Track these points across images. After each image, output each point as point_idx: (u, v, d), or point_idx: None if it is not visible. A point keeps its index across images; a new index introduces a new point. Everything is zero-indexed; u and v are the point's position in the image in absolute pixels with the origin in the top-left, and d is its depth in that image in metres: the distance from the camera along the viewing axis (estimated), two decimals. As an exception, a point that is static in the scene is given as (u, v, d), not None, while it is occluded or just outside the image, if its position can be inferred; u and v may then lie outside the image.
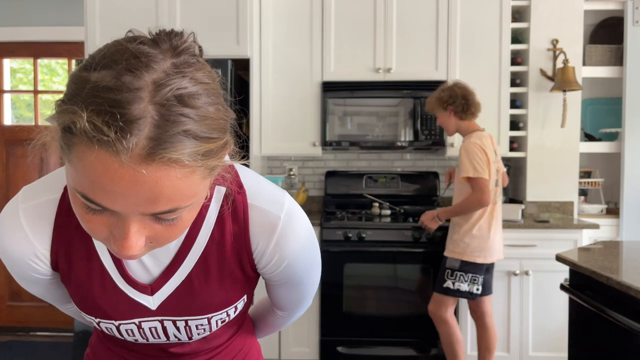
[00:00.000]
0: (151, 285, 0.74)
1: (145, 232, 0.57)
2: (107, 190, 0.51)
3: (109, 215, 0.56)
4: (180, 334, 0.80)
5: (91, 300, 0.74)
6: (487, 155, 2.50)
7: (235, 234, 0.74)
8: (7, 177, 3.73)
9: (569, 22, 3.27)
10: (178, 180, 0.52)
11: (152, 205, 0.53)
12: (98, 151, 0.49)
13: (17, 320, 3.76)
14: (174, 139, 0.50)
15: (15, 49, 3.70)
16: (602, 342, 1.77)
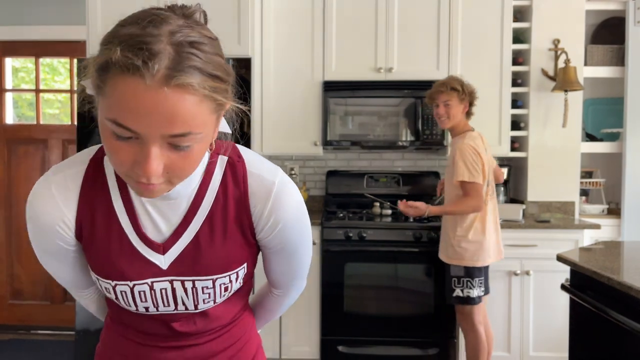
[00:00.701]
0: (163, 244, 0.83)
1: (163, 159, 0.67)
2: (134, 111, 0.63)
3: (133, 144, 0.66)
4: (188, 299, 0.86)
5: (110, 262, 0.82)
6: (482, 158, 2.49)
7: (237, 198, 0.84)
8: (9, 176, 3.74)
9: (570, 22, 3.27)
10: (191, 105, 0.65)
11: (170, 125, 0.64)
12: (128, 78, 0.62)
13: (19, 319, 3.77)
14: (187, 69, 0.64)
15: (17, 47, 3.70)
16: (602, 342, 1.77)
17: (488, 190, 2.56)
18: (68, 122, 3.77)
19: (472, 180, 2.42)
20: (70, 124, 3.74)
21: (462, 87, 2.54)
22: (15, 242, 3.75)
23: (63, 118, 3.80)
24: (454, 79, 2.58)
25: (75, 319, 2.76)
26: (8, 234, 3.75)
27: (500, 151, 3.24)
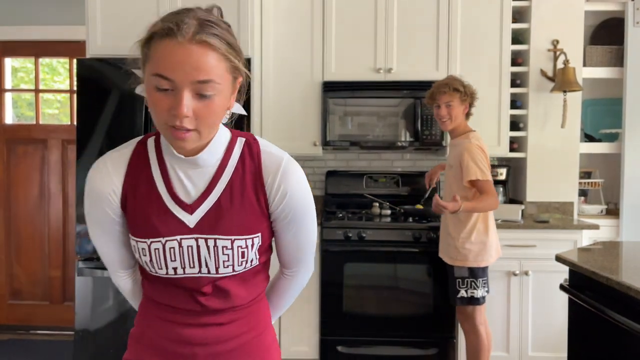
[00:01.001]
0: (191, 205, 1.00)
1: (192, 105, 0.88)
2: (170, 63, 0.86)
3: (169, 95, 0.88)
4: (210, 259, 1.00)
5: (147, 222, 1.00)
6: (487, 157, 2.50)
7: (252, 171, 1.02)
8: (8, 176, 3.74)
9: (569, 23, 3.28)
10: (212, 59, 0.88)
11: (197, 73, 0.86)
12: (165, 40, 0.87)
13: (18, 319, 3.77)
14: (208, 34, 0.88)
15: (17, 47, 3.70)
16: (601, 342, 1.77)
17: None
18: (67, 122, 3.77)
19: (485, 178, 2.42)
20: (69, 124, 3.74)
21: (464, 88, 2.53)
22: (14, 242, 3.75)
23: (62, 118, 3.80)
24: (456, 80, 2.56)
25: (74, 319, 2.75)
26: (7, 233, 3.74)
27: (499, 152, 3.25)
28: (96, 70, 2.72)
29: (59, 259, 3.74)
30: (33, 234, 3.74)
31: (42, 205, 3.74)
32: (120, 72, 2.72)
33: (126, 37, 2.98)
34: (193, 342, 1.05)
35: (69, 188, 3.72)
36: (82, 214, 2.75)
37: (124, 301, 2.72)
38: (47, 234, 3.74)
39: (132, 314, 2.72)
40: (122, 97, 2.72)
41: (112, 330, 2.74)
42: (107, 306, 2.74)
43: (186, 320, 1.05)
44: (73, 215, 3.69)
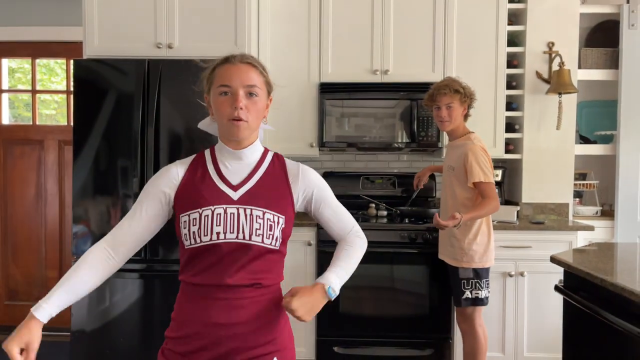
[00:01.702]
0: (235, 185, 1.34)
1: (244, 101, 1.28)
2: (229, 75, 1.29)
3: (229, 98, 1.29)
4: (246, 225, 1.29)
5: (201, 196, 1.31)
6: (489, 158, 2.50)
7: (280, 170, 1.41)
8: (5, 177, 3.73)
9: (564, 25, 3.30)
10: (255, 74, 1.32)
11: (247, 79, 1.29)
12: (225, 65, 1.32)
13: (14, 320, 3.76)
14: (250, 59, 1.34)
15: (14, 48, 3.70)
16: (596, 343, 1.79)
17: None
18: (64, 123, 3.76)
19: (488, 181, 2.42)
20: (66, 125, 3.74)
21: (463, 90, 2.53)
22: (11, 243, 3.74)
23: (59, 119, 3.80)
24: (455, 81, 2.56)
25: (70, 319, 2.75)
26: (4, 234, 3.74)
27: (495, 153, 3.26)
28: (93, 71, 2.72)
29: (56, 260, 3.74)
30: (29, 235, 3.74)
31: (38, 206, 3.73)
32: (117, 73, 2.73)
33: (123, 38, 3.00)
34: (221, 321, 1.27)
35: (65, 189, 3.72)
36: (79, 215, 2.74)
37: (119, 302, 2.72)
38: (44, 234, 3.73)
39: (128, 316, 2.72)
40: (119, 98, 2.72)
41: (108, 331, 2.74)
42: (103, 307, 2.74)
43: (217, 295, 1.28)
44: (70, 216, 3.69)
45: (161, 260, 2.72)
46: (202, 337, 1.29)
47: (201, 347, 1.29)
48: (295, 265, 2.96)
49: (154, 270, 2.72)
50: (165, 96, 2.72)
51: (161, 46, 2.86)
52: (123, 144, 2.72)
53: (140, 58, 2.75)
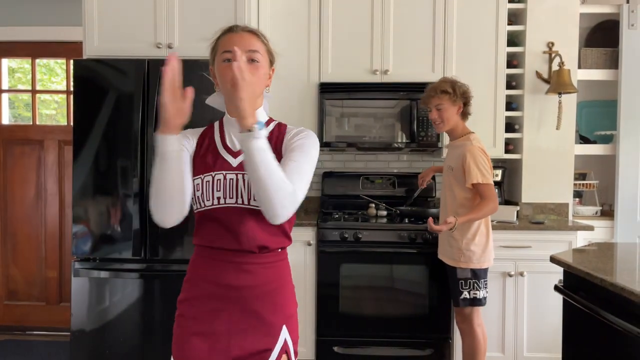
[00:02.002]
0: (235, 152, 1.40)
1: (246, 66, 1.21)
2: (231, 42, 1.34)
3: (231, 65, 1.21)
4: (245, 190, 1.33)
5: (205, 161, 1.38)
6: (489, 159, 2.50)
7: (280, 137, 1.43)
8: (4, 177, 3.73)
9: (564, 25, 3.30)
10: (257, 41, 1.38)
11: (248, 45, 1.35)
12: (227, 34, 1.38)
13: (14, 320, 3.76)
14: (252, 28, 1.40)
15: (14, 48, 3.70)
16: (595, 343, 1.79)
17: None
18: (64, 123, 3.76)
19: (486, 182, 2.42)
20: (66, 125, 3.74)
21: (453, 89, 2.51)
22: (10, 243, 3.74)
23: (60, 119, 3.80)
24: (445, 82, 2.55)
25: (70, 319, 2.75)
26: (3, 234, 3.74)
27: (495, 153, 3.26)
28: (93, 70, 2.72)
29: (56, 260, 3.74)
30: (29, 235, 3.74)
31: (38, 206, 3.73)
32: (117, 73, 2.73)
33: (123, 38, 3.00)
34: (229, 282, 1.35)
35: (65, 189, 3.72)
36: (79, 215, 2.74)
37: (119, 302, 2.72)
38: (44, 234, 3.73)
39: (128, 316, 2.72)
40: (119, 98, 2.72)
41: (108, 330, 2.74)
42: (103, 307, 2.74)
43: (227, 258, 1.36)
44: (70, 216, 3.69)
45: (161, 260, 2.72)
46: (213, 296, 1.36)
47: (212, 308, 1.35)
48: (295, 265, 2.96)
49: (154, 270, 2.72)
50: (165, 96, 2.71)
51: (161, 46, 2.86)
52: (123, 144, 2.72)
53: (140, 58, 2.75)
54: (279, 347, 1.38)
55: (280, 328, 1.39)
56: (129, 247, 2.72)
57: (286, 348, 1.40)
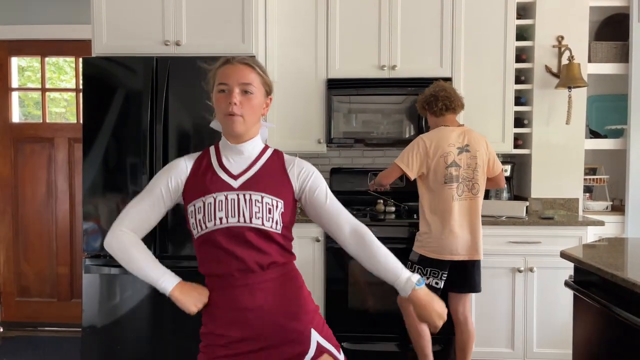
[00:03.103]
0: (235, 175, 1.44)
1: (239, 98, 1.38)
2: (227, 74, 1.39)
3: (227, 95, 1.38)
4: (246, 209, 1.37)
5: (204, 186, 1.41)
6: (428, 150, 2.55)
7: (278, 163, 1.49)
8: (15, 175, 3.76)
9: (574, 19, 3.27)
10: (252, 74, 1.41)
11: (242, 78, 1.39)
12: (225, 66, 1.42)
13: (26, 316, 3.80)
14: (249, 60, 1.44)
15: (23, 47, 3.73)
16: (606, 338, 1.78)
17: (454, 187, 2.54)
18: (74, 121, 3.79)
19: (395, 162, 2.62)
20: (76, 123, 3.76)
21: (419, 100, 2.74)
22: (22, 240, 3.78)
23: (69, 117, 3.83)
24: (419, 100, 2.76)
25: (81, 315, 2.78)
26: (15, 231, 3.78)
27: (504, 148, 3.24)
28: (102, 68, 2.74)
29: (67, 257, 3.77)
30: (40, 232, 3.78)
31: (49, 204, 3.77)
32: (125, 71, 2.74)
33: (131, 36, 3.01)
34: (246, 305, 1.38)
35: (75, 186, 3.75)
36: (89, 212, 2.76)
37: (129, 298, 2.75)
38: (55, 231, 3.77)
39: (138, 312, 2.74)
40: (128, 95, 2.73)
41: (119, 326, 2.76)
42: (114, 303, 2.77)
43: (234, 283, 1.38)
44: (80, 213, 3.72)
45: (171, 256, 2.74)
46: (234, 323, 1.39)
47: (236, 334, 1.39)
48: (304, 261, 2.97)
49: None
50: (174, 93, 2.73)
51: (169, 43, 2.87)
52: (132, 141, 2.74)
53: (149, 55, 2.77)
54: (312, 350, 1.41)
55: (309, 332, 1.42)
56: (139, 244, 2.74)
57: (321, 349, 1.43)
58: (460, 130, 2.62)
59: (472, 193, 2.56)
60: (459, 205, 2.55)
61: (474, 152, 2.57)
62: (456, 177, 2.55)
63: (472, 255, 2.56)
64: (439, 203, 2.56)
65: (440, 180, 2.55)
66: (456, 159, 2.55)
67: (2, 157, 3.75)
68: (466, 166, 2.55)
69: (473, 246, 2.56)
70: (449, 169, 2.54)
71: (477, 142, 2.60)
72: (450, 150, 2.55)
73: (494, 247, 2.94)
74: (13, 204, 3.77)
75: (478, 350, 2.97)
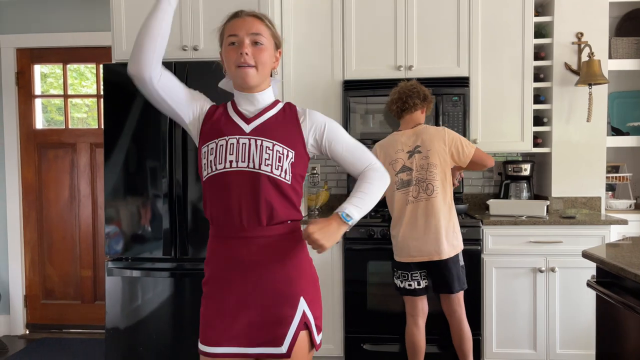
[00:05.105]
0: (248, 119, 1.46)
1: (250, 49, 1.40)
2: (236, 26, 1.42)
3: (237, 47, 1.41)
4: (256, 154, 1.39)
5: (218, 127, 1.44)
6: (379, 158, 2.56)
7: (290, 114, 1.50)
8: (39, 179, 3.85)
9: (593, 15, 3.22)
10: (261, 25, 1.44)
11: (251, 28, 1.41)
12: (233, 19, 1.45)
13: (51, 318, 3.89)
14: (257, 13, 1.45)
15: (45, 54, 3.81)
16: (630, 339, 1.75)
17: (409, 190, 2.52)
18: (95, 126, 3.86)
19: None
20: (97, 128, 3.83)
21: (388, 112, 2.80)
22: (46, 243, 3.87)
23: (90, 122, 3.90)
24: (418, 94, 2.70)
25: (105, 317, 2.83)
26: (40, 235, 3.86)
27: (523, 147, 3.21)
28: (122, 74, 2.78)
29: (90, 260, 3.84)
30: (64, 235, 3.85)
31: (72, 207, 3.84)
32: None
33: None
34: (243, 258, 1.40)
35: (97, 190, 3.82)
36: (111, 215, 2.81)
37: (151, 300, 2.79)
38: (78, 235, 3.84)
39: (159, 313, 2.78)
40: (147, 100, 2.77)
41: (141, 328, 2.81)
42: (136, 305, 2.81)
43: (237, 234, 1.40)
44: (102, 217, 3.79)
45: (190, 259, 2.77)
46: (229, 273, 1.41)
47: (229, 284, 1.41)
48: (322, 263, 2.98)
49: (184, 269, 2.78)
50: (192, 98, 2.76)
51: (187, 48, 2.91)
52: (152, 146, 2.78)
53: (167, 60, 2.81)
54: (298, 317, 1.41)
55: (298, 299, 1.42)
56: (160, 247, 2.78)
57: (305, 319, 1.42)
58: (412, 131, 2.58)
59: (427, 194, 2.50)
60: (413, 207, 2.51)
61: (426, 152, 2.52)
62: (408, 181, 2.53)
63: (432, 256, 2.48)
64: (393, 208, 2.57)
65: (393, 187, 2.56)
66: (407, 163, 2.53)
67: (27, 163, 3.84)
68: (419, 167, 2.51)
69: (431, 247, 2.47)
70: (398, 175, 2.54)
71: (430, 140, 2.52)
72: (398, 156, 2.55)
73: (514, 247, 2.92)
74: (37, 208, 3.85)
75: (500, 351, 2.95)
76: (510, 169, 3.40)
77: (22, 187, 3.85)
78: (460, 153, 2.53)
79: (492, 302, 2.95)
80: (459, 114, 3.13)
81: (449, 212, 2.51)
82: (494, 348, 2.96)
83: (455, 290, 2.53)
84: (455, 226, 2.53)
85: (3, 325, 3.85)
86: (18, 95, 3.82)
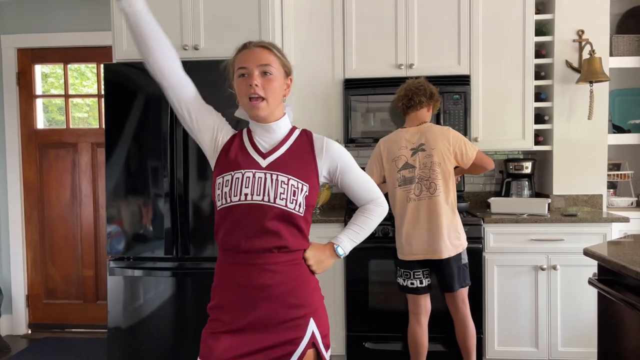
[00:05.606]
0: (264, 153, 1.48)
1: (259, 80, 1.42)
2: (245, 58, 1.44)
3: (247, 79, 1.43)
4: (272, 189, 1.41)
5: (234, 160, 1.46)
6: (382, 155, 2.59)
7: (307, 143, 1.53)
8: (41, 179, 3.85)
9: (594, 12, 3.21)
10: (270, 55, 1.45)
11: (260, 60, 1.43)
12: (242, 51, 1.46)
13: (53, 318, 3.89)
14: (265, 43, 1.48)
15: (46, 54, 3.81)
16: (632, 336, 1.75)
17: (409, 188, 2.52)
18: (96, 126, 3.86)
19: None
20: (98, 127, 3.84)
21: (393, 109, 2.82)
22: (48, 243, 3.87)
23: (91, 121, 3.90)
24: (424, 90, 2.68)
25: (107, 317, 2.84)
26: (41, 235, 3.87)
27: (524, 145, 3.21)
28: (122, 74, 2.79)
29: (91, 259, 3.85)
30: (66, 235, 3.86)
31: (74, 207, 3.85)
32: (145, 76, 2.78)
33: (151, 41, 3.02)
34: (255, 283, 1.40)
35: (99, 190, 3.82)
36: (112, 215, 2.81)
37: (153, 299, 2.79)
38: (79, 234, 3.85)
39: (161, 313, 2.78)
40: (148, 100, 2.78)
41: (143, 327, 2.81)
42: (138, 304, 2.81)
43: (250, 261, 1.41)
44: (104, 216, 3.79)
45: (192, 258, 2.77)
46: (242, 298, 1.42)
47: (242, 309, 1.42)
48: (324, 261, 2.98)
49: (185, 269, 2.78)
50: (193, 97, 2.76)
51: (187, 48, 2.91)
52: (153, 145, 2.78)
53: (168, 60, 2.80)
54: (307, 339, 1.43)
55: (308, 320, 1.44)
56: (161, 246, 2.78)
57: (314, 340, 1.44)
58: (416, 129, 2.58)
59: (429, 192, 2.50)
60: (415, 205, 2.50)
61: (430, 150, 2.51)
62: (410, 178, 2.52)
63: (432, 254, 2.48)
64: (396, 205, 2.57)
65: (394, 184, 2.56)
66: (409, 161, 2.53)
67: (28, 163, 3.85)
68: (422, 166, 2.51)
69: (432, 245, 2.47)
70: (400, 172, 2.54)
71: (435, 138, 2.52)
72: (402, 153, 2.55)
73: (515, 245, 2.92)
74: (39, 208, 3.86)
75: (502, 349, 2.95)
76: (511, 167, 3.40)
77: (24, 187, 3.85)
78: (463, 154, 2.53)
79: (494, 300, 2.95)
80: (460, 112, 3.13)
81: (452, 211, 2.51)
82: (495, 346, 2.96)
83: (455, 288, 2.53)
84: (458, 225, 2.52)
85: (5, 325, 3.85)
86: (19, 95, 3.82)
